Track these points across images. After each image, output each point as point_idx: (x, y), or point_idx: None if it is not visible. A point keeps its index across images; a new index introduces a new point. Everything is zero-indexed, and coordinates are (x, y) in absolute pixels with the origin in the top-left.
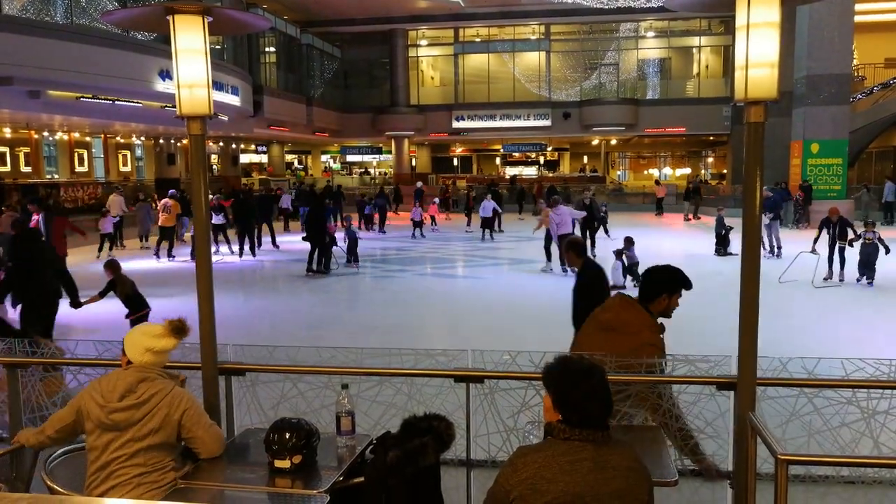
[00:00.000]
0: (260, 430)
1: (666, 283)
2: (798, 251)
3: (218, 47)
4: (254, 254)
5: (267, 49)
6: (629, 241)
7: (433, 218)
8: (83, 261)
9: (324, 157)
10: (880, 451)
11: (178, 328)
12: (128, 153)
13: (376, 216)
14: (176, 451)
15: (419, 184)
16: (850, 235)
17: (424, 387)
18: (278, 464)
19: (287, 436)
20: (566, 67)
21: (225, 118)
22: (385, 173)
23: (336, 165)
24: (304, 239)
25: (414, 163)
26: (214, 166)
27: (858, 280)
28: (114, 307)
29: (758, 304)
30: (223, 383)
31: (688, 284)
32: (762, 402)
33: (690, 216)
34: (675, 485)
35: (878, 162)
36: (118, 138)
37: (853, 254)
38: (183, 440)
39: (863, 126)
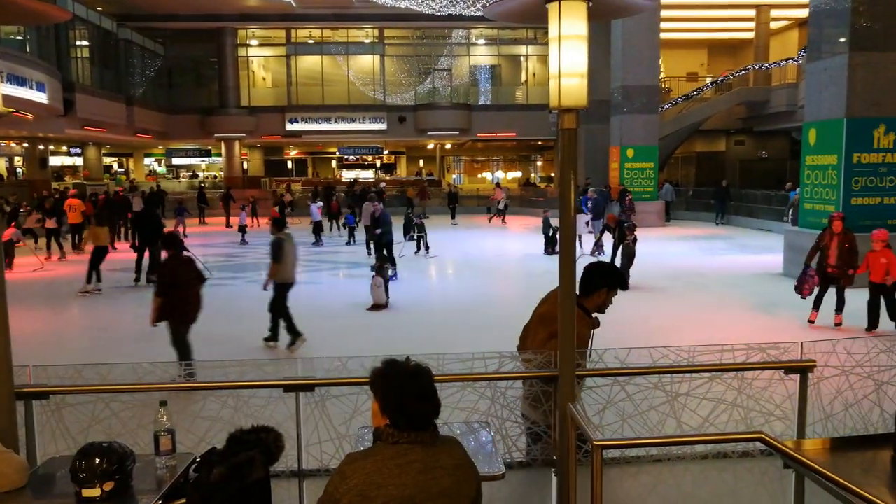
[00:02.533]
0: (66, 459)
1: (605, 279)
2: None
3: (20, 38)
4: (114, 247)
5: (79, 43)
6: (387, 260)
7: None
8: None
9: (147, 160)
10: (682, 429)
11: None
12: None
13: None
14: None
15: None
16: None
17: (252, 398)
18: (86, 493)
19: (96, 461)
20: (401, 71)
21: (29, 116)
22: (215, 176)
23: (161, 169)
24: (132, 247)
25: (246, 166)
26: (19, 169)
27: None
28: None
29: (574, 300)
30: (22, 409)
31: (624, 285)
32: (582, 392)
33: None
34: (502, 477)
35: (684, 166)
36: None
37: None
38: None
39: (670, 133)
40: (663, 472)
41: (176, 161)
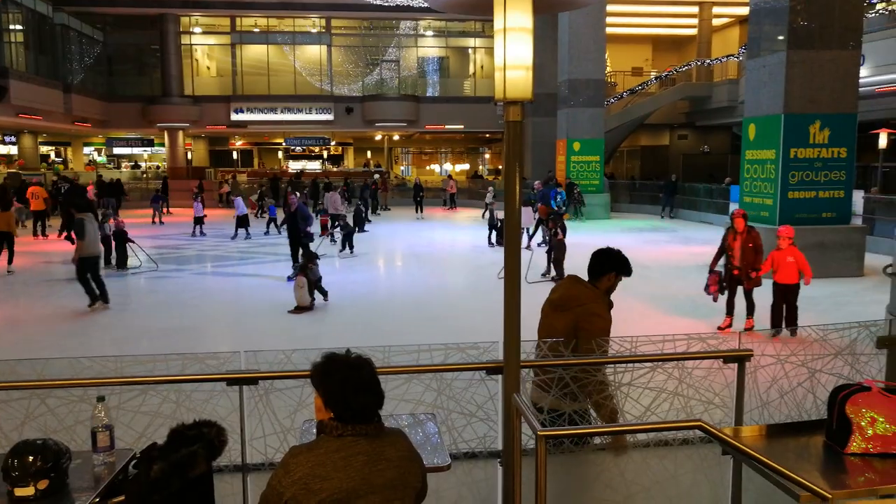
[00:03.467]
0: None
1: (614, 263)
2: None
3: None
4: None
5: (12, 27)
6: (313, 258)
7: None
8: None
9: (87, 150)
10: (625, 418)
11: None
12: None
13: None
14: None
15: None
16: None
17: (194, 392)
18: (19, 492)
19: (29, 459)
20: (348, 62)
21: None
22: (158, 167)
23: (101, 158)
24: (64, 237)
25: (190, 156)
26: None
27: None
28: None
29: (519, 292)
30: None
31: (628, 270)
32: (528, 382)
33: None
34: (448, 469)
35: (629, 160)
36: None
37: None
38: None
39: (615, 127)
40: (606, 460)
41: (117, 150)
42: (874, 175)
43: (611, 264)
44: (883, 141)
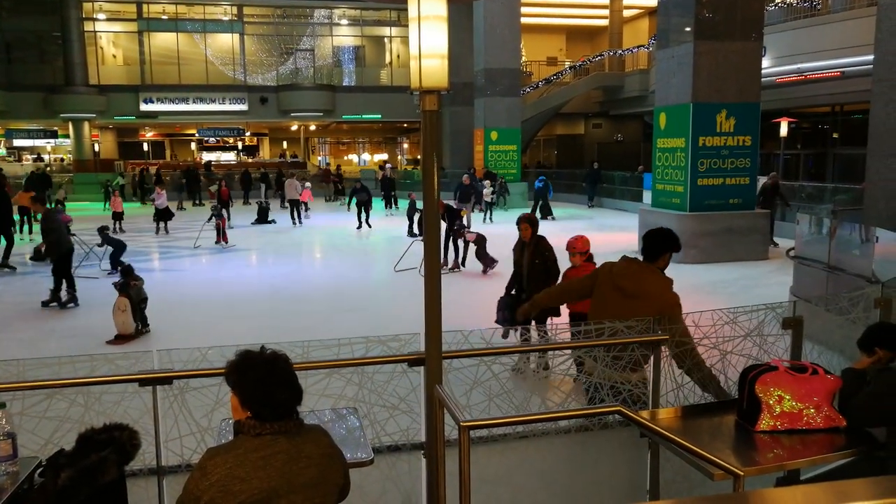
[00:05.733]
0: None
1: (670, 242)
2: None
3: None
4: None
5: None
6: (132, 275)
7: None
8: None
9: None
10: (547, 406)
11: None
12: None
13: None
14: None
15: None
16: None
17: (104, 395)
18: None
19: None
20: (261, 51)
21: None
22: (63, 159)
23: (1, 151)
24: None
25: (97, 148)
26: None
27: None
28: None
29: (440, 283)
30: None
31: (679, 246)
32: (449, 373)
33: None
34: (371, 463)
35: (546, 148)
36: None
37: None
38: None
39: (532, 116)
40: (529, 447)
41: (17, 143)
42: (776, 162)
43: (666, 244)
44: (784, 129)
